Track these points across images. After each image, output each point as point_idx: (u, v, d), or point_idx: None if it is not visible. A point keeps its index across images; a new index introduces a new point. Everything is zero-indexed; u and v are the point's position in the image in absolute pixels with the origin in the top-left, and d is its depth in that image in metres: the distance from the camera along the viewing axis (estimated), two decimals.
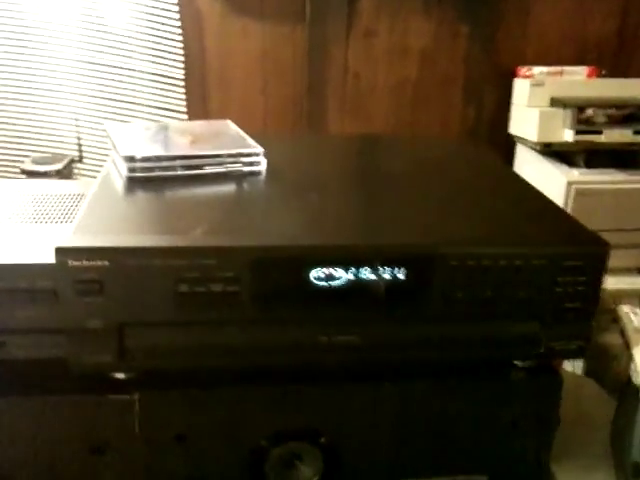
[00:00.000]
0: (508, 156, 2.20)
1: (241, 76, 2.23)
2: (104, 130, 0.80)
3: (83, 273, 0.54)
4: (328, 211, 0.67)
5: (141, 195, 0.69)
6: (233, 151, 0.74)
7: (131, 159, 0.70)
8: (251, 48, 2.22)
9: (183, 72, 2.19)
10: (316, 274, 0.56)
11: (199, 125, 0.85)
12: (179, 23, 2.16)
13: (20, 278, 0.57)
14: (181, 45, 2.18)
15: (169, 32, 2.17)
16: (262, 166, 0.76)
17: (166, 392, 0.61)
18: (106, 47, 2.14)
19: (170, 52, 2.18)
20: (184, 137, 0.78)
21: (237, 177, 0.74)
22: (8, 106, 2.17)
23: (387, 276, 0.56)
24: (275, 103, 2.26)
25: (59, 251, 0.53)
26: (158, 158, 0.71)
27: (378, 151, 0.96)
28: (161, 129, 0.85)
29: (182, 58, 2.19)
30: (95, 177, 0.74)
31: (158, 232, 0.59)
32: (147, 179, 0.71)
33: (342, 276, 0.56)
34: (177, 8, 2.15)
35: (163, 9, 2.15)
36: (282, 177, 0.76)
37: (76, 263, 0.53)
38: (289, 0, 2.19)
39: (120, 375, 0.60)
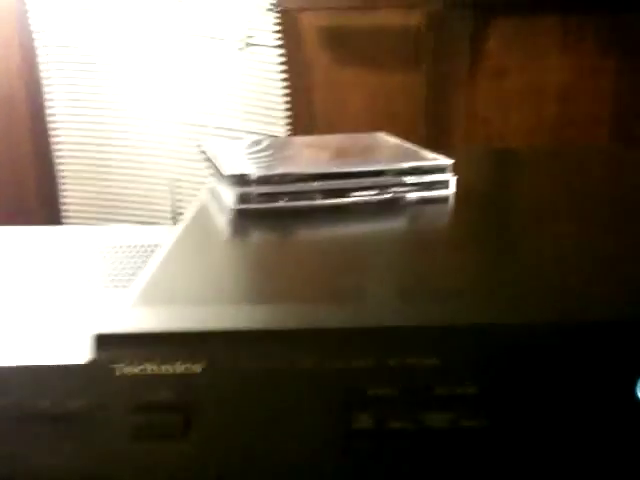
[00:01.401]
0: None
1: (352, 130, 1.98)
2: (201, 151, 0.53)
3: (148, 390, 0.25)
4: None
5: (259, 241, 0.40)
6: (406, 165, 0.45)
7: (243, 181, 0.42)
8: (363, 99, 1.98)
9: (288, 128, 1.98)
10: None
11: (336, 139, 0.57)
12: (285, 75, 1.96)
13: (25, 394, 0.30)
14: (287, 99, 1.97)
15: (273, 86, 1.96)
16: (450, 188, 0.46)
17: None
18: (205, 106, 1.96)
19: (275, 108, 1.97)
20: (320, 151, 0.50)
21: (412, 206, 0.44)
22: (100, 171, 2.00)
23: None
24: None
25: (101, 343, 0.25)
26: (285, 178, 0.43)
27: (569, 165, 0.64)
28: (283, 144, 0.58)
29: (288, 113, 1.97)
30: None
31: (305, 304, 0.30)
32: (266, 213, 0.42)
33: None
34: (283, 59, 1.95)
35: (267, 62, 1.95)
36: (486, 206, 0.45)
37: (132, 370, 0.25)
38: (404, 44, 1.95)
39: None
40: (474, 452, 0.26)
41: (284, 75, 1.94)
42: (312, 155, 0.49)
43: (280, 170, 0.43)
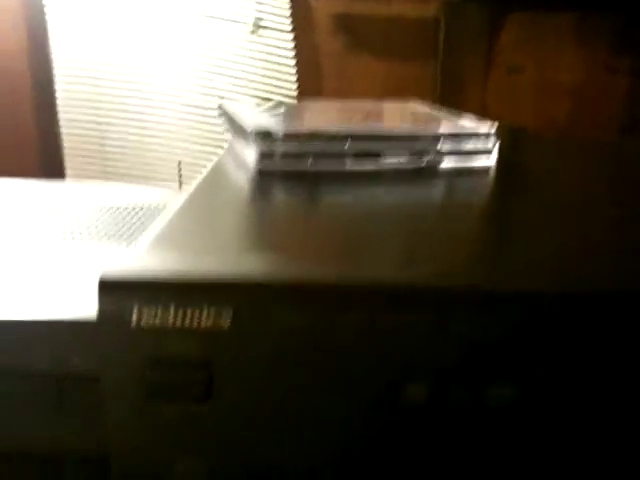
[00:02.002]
0: None
1: None
2: (219, 109, 0.50)
3: (167, 344, 0.21)
4: None
5: (282, 200, 0.37)
6: (444, 130, 0.41)
7: (267, 137, 0.38)
8: (373, 89, 1.94)
9: None
10: None
11: (367, 103, 0.53)
12: (294, 62, 1.92)
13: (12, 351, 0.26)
14: (295, 86, 1.93)
15: (283, 72, 1.93)
16: (492, 159, 0.42)
17: None
18: (214, 89, 1.92)
19: (284, 94, 1.94)
20: (350, 113, 0.46)
21: (449, 176, 0.40)
22: (111, 152, 1.96)
23: None
24: None
25: (107, 287, 0.21)
26: (313, 136, 0.39)
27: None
28: (309, 106, 0.54)
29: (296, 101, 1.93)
30: None
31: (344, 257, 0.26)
32: (290, 175, 0.39)
33: None
34: (292, 45, 1.91)
35: (276, 47, 1.91)
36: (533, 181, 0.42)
37: (150, 321, 0.21)
38: (418, 35, 1.91)
39: None
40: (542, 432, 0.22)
41: (294, 61, 1.91)
42: (340, 116, 0.46)
43: (308, 128, 0.40)
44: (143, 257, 0.23)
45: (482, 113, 1.67)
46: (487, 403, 0.22)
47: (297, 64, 1.88)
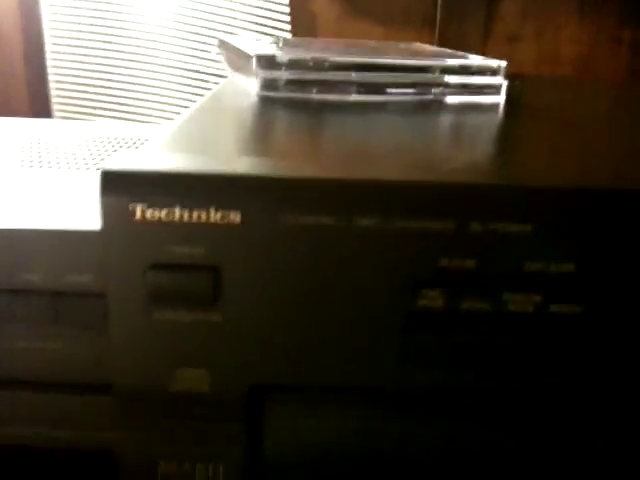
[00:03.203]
0: None
1: None
2: (219, 44, 0.48)
3: (172, 240, 0.20)
4: None
5: (285, 123, 0.35)
6: (452, 62, 0.40)
7: (271, 63, 0.37)
8: None
9: None
10: None
11: (372, 42, 0.52)
12: (290, 27, 1.89)
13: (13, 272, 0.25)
14: None
15: (279, 35, 1.89)
16: (502, 95, 0.41)
17: None
18: (206, 53, 1.88)
19: None
20: (355, 46, 0.45)
21: (456, 109, 0.39)
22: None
23: None
24: None
25: (110, 179, 0.20)
26: (319, 64, 0.38)
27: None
28: (314, 40, 0.52)
29: None
30: None
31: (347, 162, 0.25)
32: (293, 103, 0.37)
33: None
34: (288, 10, 1.88)
35: (273, 10, 1.88)
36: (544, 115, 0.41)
37: (155, 213, 0.20)
38: (417, 3, 1.88)
39: None
40: (561, 345, 0.21)
41: (290, 25, 1.87)
42: (346, 48, 0.44)
43: (314, 55, 0.38)
44: (148, 154, 0.22)
45: None
46: (507, 309, 0.21)
47: (294, 30, 1.84)
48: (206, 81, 1.86)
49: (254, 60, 0.37)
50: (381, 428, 0.23)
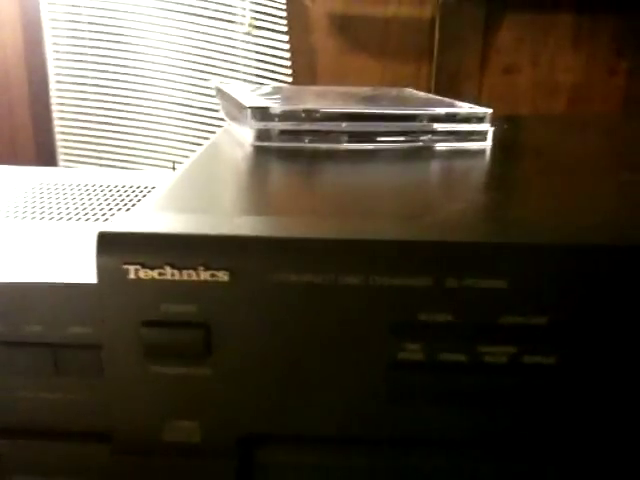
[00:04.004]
0: None
1: None
2: (216, 90, 0.50)
3: (165, 299, 0.21)
4: None
5: (278, 174, 0.36)
6: (440, 111, 0.41)
7: (264, 114, 0.39)
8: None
9: None
10: None
11: (364, 88, 0.53)
12: (289, 62, 1.92)
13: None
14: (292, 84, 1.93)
15: (278, 72, 1.93)
16: (488, 141, 0.42)
17: None
18: (211, 97, 1.92)
19: None
20: (347, 96, 0.46)
21: (444, 156, 0.41)
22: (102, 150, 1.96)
23: None
24: None
25: (105, 241, 0.21)
26: (310, 115, 0.39)
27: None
28: (307, 89, 0.54)
29: None
30: None
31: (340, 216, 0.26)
32: (286, 152, 0.39)
33: None
34: (287, 45, 1.92)
35: (272, 47, 1.92)
36: (528, 161, 0.42)
37: (148, 273, 0.21)
38: (413, 35, 1.92)
39: None
40: (537, 393, 0.22)
41: (290, 61, 1.91)
42: (338, 98, 0.46)
43: (306, 107, 0.40)
44: (142, 215, 0.23)
45: None
46: (482, 360, 0.22)
47: (293, 64, 1.88)
48: (210, 124, 1.89)
49: (249, 112, 0.39)
50: (369, 475, 0.24)
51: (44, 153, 1.86)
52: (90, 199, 0.45)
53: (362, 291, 0.21)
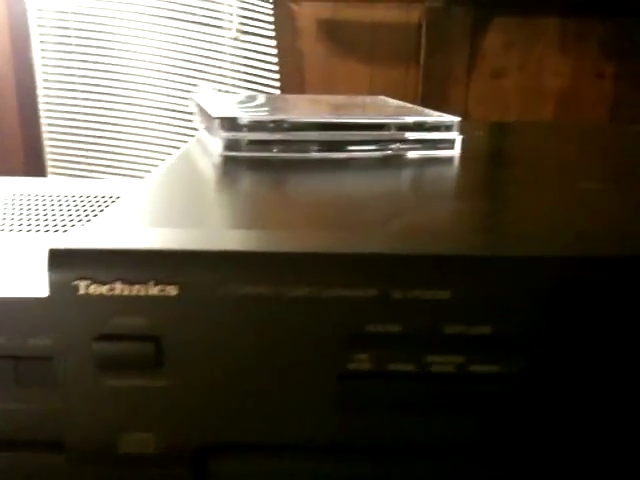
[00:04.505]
0: None
1: None
2: (191, 100, 0.50)
3: (115, 313, 0.21)
4: None
5: (245, 183, 0.37)
6: (409, 120, 0.42)
7: (233, 125, 0.39)
8: (357, 93, 1.95)
9: None
10: None
11: (336, 97, 0.54)
12: (277, 67, 1.93)
13: None
14: (279, 92, 1.94)
15: (266, 77, 1.93)
16: (456, 148, 0.43)
17: None
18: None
19: None
20: (318, 104, 0.47)
21: (413, 164, 0.41)
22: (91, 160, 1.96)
23: None
24: None
25: (62, 258, 0.21)
26: (279, 125, 0.40)
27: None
28: (279, 98, 0.55)
29: None
30: None
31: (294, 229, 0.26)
32: (255, 162, 0.39)
33: None
34: (275, 50, 1.92)
35: (259, 52, 1.92)
36: (495, 167, 0.42)
37: (97, 289, 0.21)
38: (401, 40, 1.93)
39: None
40: (485, 402, 0.23)
41: (277, 66, 1.92)
42: (309, 107, 0.46)
43: (274, 117, 0.40)
44: (95, 230, 0.23)
45: (467, 118, 1.69)
46: (430, 370, 0.22)
47: (281, 69, 1.88)
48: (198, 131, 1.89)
49: (217, 122, 0.39)
50: None
51: (32, 160, 1.86)
52: (53, 210, 0.45)
53: (311, 303, 0.22)
